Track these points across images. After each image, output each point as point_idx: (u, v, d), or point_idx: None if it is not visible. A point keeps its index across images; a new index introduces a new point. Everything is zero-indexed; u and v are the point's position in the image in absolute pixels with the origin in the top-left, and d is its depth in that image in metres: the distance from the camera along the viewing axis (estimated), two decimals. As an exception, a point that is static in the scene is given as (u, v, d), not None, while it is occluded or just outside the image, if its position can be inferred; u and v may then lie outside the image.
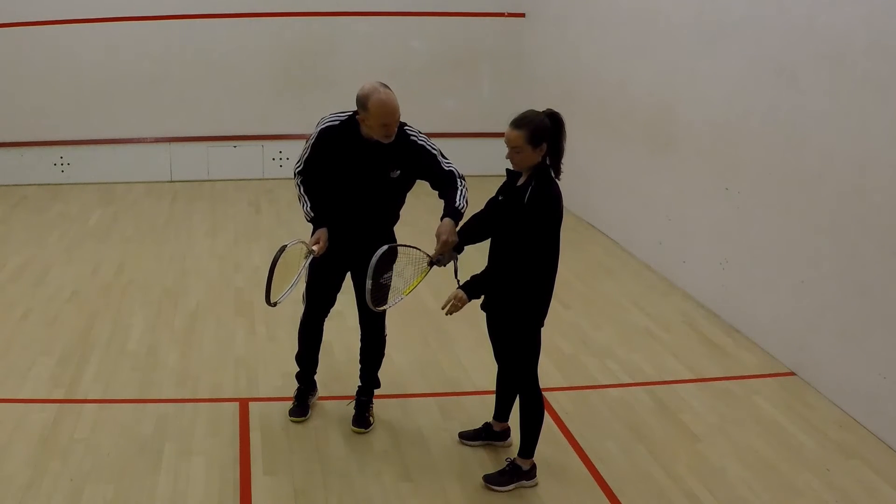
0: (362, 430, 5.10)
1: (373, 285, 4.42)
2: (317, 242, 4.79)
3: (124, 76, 10.48)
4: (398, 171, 4.75)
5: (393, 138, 4.65)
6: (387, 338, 5.20)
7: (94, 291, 7.15)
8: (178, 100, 10.67)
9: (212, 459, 4.78)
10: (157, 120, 10.70)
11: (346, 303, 5.17)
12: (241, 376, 5.74)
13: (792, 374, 5.98)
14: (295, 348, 5.30)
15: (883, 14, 5.13)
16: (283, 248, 4.53)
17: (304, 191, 4.90)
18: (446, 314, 4.40)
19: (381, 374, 5.23)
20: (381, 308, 4.61)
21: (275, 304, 4.58)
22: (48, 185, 10.49)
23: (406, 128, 4.76)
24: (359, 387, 5.24)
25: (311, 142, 4.82)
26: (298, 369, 5.30)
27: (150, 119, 10.68)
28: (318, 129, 4.80)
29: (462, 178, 4.72)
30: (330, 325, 5.31)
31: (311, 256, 4.75)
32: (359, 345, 5.20)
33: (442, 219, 4.56)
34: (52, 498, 4.39)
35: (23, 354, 5.96)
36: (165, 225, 9.12)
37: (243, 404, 5.38)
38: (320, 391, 5.43)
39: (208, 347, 6.18)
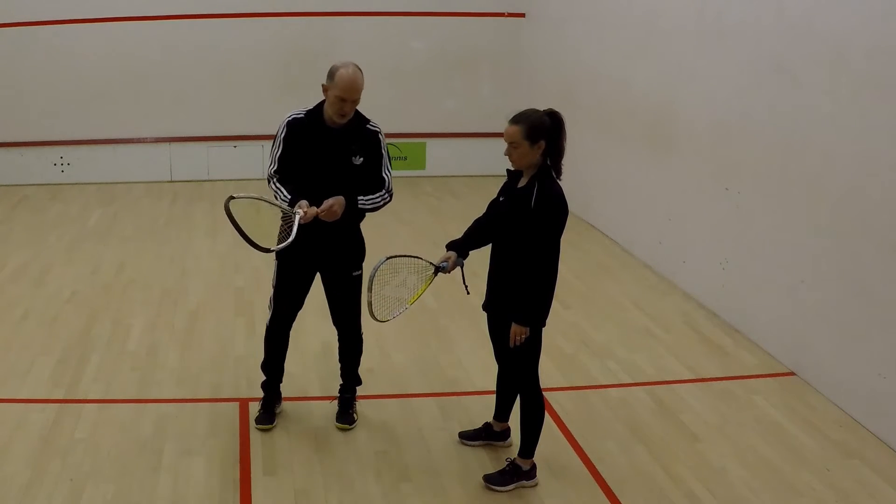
0: (346, 426, 5.12)
1: (372, 298, 4.40)
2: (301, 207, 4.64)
3: (125, 76, 10.48)
4: (361, 159, 4.80)
5: (346, 120, 4.71)
6: (363, 336, 5.20)
7: (94, 291, 7.15)
8: (178, 100, 10.66)
9: (212, 459, 4.78)
10: (157, 120, 10.70)
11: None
12: (241, 376, 5.74)
13: (792, 374, 5.98)
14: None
15: (883, 15, 5.13)
16: (230, 198, 4.40)
17: (280, 184, 4.82)
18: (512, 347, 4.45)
19: (381, 373, 5.24)
20: (385, 321, 4.57)
21: (271, 251, 4.50)
22: (48, 185, 10.49)
23: (371, 123, 4.83)
24: (340, 385, 5.26)
25: (281, 136, 4.82)
26: (264, 378, 5.24)
27: (150, 119, 10.68)
28: (286, 121, 4.83)
29: (389, 192, 4.81)
30: (331, 326, 5.30)
31: (299, 216, 4.59)
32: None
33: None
34: (52, 498, 4.39)
35: (22, 354, 5.96)
36: (165, 225, 9.12)
37: (243, 404, 5.38)
38: (321, 391, 5.44)
39: (208, 347, 6.17)
